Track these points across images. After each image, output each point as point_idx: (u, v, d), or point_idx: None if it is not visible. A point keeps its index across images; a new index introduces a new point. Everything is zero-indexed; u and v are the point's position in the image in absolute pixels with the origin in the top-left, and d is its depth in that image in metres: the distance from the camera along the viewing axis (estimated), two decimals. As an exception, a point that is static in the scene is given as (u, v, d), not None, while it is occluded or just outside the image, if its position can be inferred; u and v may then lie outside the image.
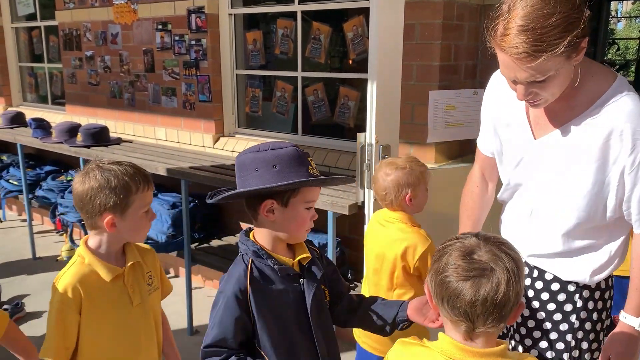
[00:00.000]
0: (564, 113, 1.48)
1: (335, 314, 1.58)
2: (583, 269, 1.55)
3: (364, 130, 2.38)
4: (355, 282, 2.93)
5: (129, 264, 1.65)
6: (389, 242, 2.03)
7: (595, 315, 1.58)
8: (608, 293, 1.61)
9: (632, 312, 1.50)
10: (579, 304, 1.56)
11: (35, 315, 3.66)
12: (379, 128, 2.31)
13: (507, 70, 1.38)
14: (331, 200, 2.58)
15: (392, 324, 1.53)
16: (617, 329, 1.54)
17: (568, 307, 1.58)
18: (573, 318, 1.57)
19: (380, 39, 2.24)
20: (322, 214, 2.62)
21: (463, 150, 3.05)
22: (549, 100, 1.43)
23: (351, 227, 3.19)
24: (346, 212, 2.51)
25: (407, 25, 2.41)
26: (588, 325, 1.58)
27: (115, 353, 1.65)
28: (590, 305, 1.57)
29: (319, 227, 3.01)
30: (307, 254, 1.47)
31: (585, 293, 1.56)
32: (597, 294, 1.58)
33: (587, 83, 1.44)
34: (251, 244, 1.43)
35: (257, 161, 1.37)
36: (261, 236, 1.45)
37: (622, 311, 1.53)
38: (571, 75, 1.39)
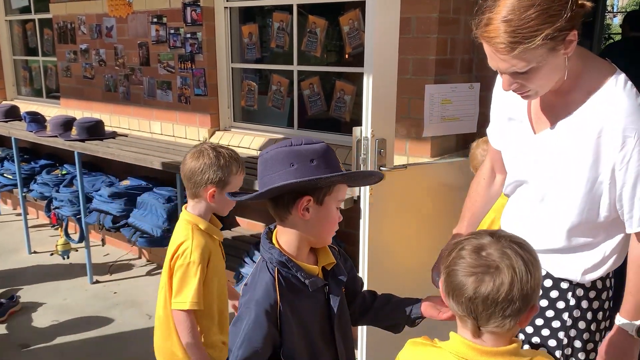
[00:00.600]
0: (561, 109, 1.47)
1: (350, 313, 1.53)
2: (575, 266, 1.54)
3: (359, 124, 2.37)
4: (350, 276, 2.93)
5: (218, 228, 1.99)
6: None
7: (589, 315, 1.57)
8: (606, 294, 1.59)
9: (626, 315, 1.50)
10: (572, 302, 1.56)
11: (31, 308, 3.66)
12: (375, 122, 2.31)
13: (490, 60, 1.39)
14: (327, 194, 2.57)
15: (407, 321, 1.52)
16: (612, 333, 1.53)
17: (561, 304, 1.58)
18: (565, 316, 1.57)
19: (376, 32, 2.22)
20: (317, 208, 2.62)
21: (459, 144, 3.05)
22: (538, 92, 1.42)
23: (346, 221, 3.16)
24: (342, 206, 2.50)
25: (403, 19, 2.39)
26: (582, 324, 1.58)
27: (219, 301, 1.94)
28: (584, 304, 1.56)
29: (315, 221, 3.02)
30: (332, 260, 1.41)
31: (579, 292, 1.56)
32: (592, 294, 1.57)
33: (584, 78, 1.43)
34: (277, 253, 1.34)
35: (293, 155, 1.27)
36: (287, 239, 1.36)
37: (617, 314, 1.53)
38: (562, 68, 1.38)
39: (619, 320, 1.51)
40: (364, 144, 2.34)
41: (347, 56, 3.33)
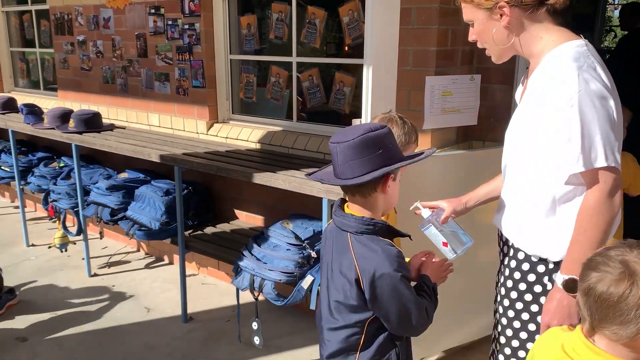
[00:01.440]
0: (528, 78, 1.61)
1: None
2: (545, 243, 1.56)
3: (359, 116, 2.35)
4: (350, 270, 2.92)
5: None
6: None
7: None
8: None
9: (562, 270, 1.49)
10: (549, 286, 1.57)
11: (29, 301, 3.64)
12: (375, 114, 2.28)
13: None
14: (326, 187, 2.55)
15: None
16: (552, 289, 1.54)
17: (537, 288, 1.60)
18: (542, 300, 1.58)
19: (376, 23, 2.20)
20: (316, 200, 2.60)
21: (459, 136, 3.02)
22: (491, 52, 1.64)
23: (346, 214, 3.16)
24: (341, 199, 2.48)
25: (403, 10, 2.37)
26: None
27: None
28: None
29: (313, 213, 3.00)
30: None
31: (555, 276, 1.55)
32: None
33: (545, 46, 1.53)
34: (381, 221, 1.56)
35: (378, 141, 1.49)
36: (369, 212, 1.58)
37: None
38: (503, 36, 1.56)
39: (557, 275, 1.52)
40: (364, 136, 2.32)
41: (346, 47, 3.30)
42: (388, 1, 2.25)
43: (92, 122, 4.05)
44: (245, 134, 3.65)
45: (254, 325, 2.91)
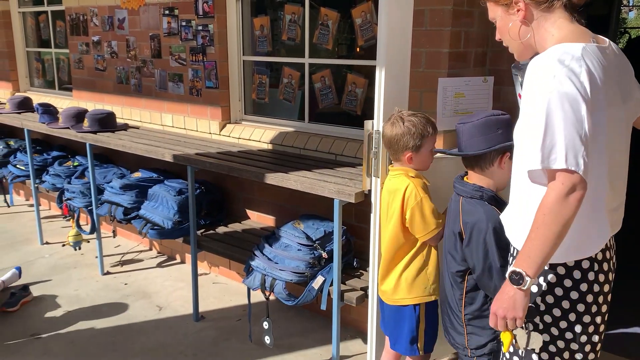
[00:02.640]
0: None
1: None
2: (518, 232, 1.58)
3: (371, 117, 2.35)
4: (360, 271, 2.93)
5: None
6: None
7: (566, 304, 1.57)
8: (586, 278, 1.55)
9: (514, 262, 1.50)
10: (544, 287, 1.58)
11: (43, 299, 3.69)
12: (387, 115, 2.29)
13: None
14: (337, 188, 2.56)
15: None
16: (502, 287, 1.55)
17: (533, 288, 1.60)
18: (538, 300, 1.59)
19: (389, 25, 2.20)
20: (328, 201, 2.61)
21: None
22: (510, 48, 1.67)
23: (357, 215, 3.17)
24: (352, 200, 2.49)
25: (416, 11, 2.37)
26: (557, 312, 1.58)
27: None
28: (558, 291, 1.56)
29: (325, 214, 3.01)
30: None
31: (552, 277, 1.56)
32: (567, 282, 1.55)
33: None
34: (490, 190, 1.97)
35: (498, 122, 1.96)
36: (484, 183, 2.00)
37: None
38: (516, 30, 1.59)
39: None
40: (376, 138, 2.33)
41: (358, 49, 3.31)
42: (401, 3, 2.25)
43: (106, 122, 4.10)
44: (257, 135, 3.67)
45: (265, 325, 2.92)
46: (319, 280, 2.72)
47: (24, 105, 5.03)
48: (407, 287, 2.26)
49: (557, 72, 1.38)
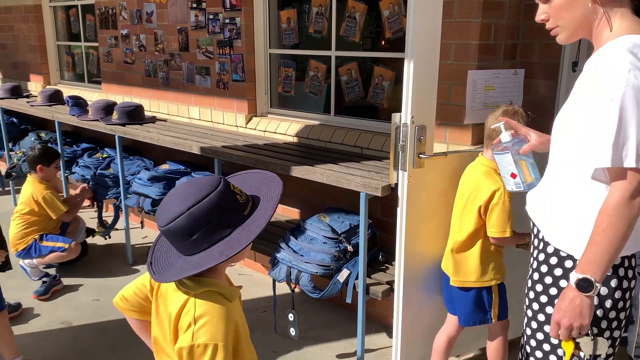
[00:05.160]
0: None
1: None
2: (574, 239, 1.51)
3: (397, 111, 2.33)
4: (386, 265, 2.92)
5: None
6: None
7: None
8: (617, 276, 1.52)
9: (577, 268, 1.45)
10: (612, 288, 1.53)
11: (73, 287, 3.77)
12: (415, 108, 2.27)
13: None
14: (364, 181, 2.56)
15: None
16: (568, 286, 1.49)
17: (563, 283, 1.57)
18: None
19: (418, 16, 2.18)
20: (353, 195, 2.60)
21: (500, 132, 2.97)
22: (565, 30, 1.50)
23: (383, 209, 3.16)
24: (379, 194, 2.48)
25: (445, 3, 2.34)
26: (613, 313, 1.54)
27: None
28: (617, 292, 1.53)
29: (350, 207, 3.00)
30: None
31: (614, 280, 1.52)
32: (614, 281, 1.52)
33: (610, 37, 1.45)
34: None
35: None
36: None
37: None
38: (587, 12, 1.44)
39: (572, 273, 1.48)
40: (403, 131, 2.31)
41: (385, 42, 3.28)
42: (430, -6, 2.22)
43: (134, 115, 4.15)
44: (283, 128, 3.68)
45: (290, 317, 2.94)
46: (344, 274, 2.72)
47: (55, 97, 5.13)
48: (481, 269, 2.33)
49: (631, 65, 1.32)
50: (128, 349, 3.06)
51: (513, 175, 1.81)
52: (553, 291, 1.60)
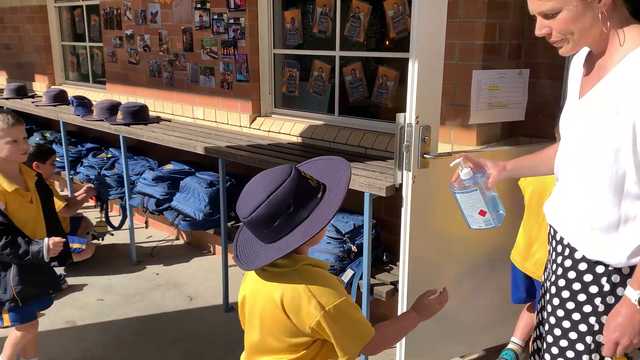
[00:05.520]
0: (599, 72, 1.48)
1: None
2: (615, 248, 1.48)
3: (402, 111, 2.33)
4: (390, 265, 2.91)
5: None
6: None
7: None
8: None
9: (634, 284, 1.43)
10: (606, 287, 1.51)
11: (77, 287, 3.78)
12: (420, 108, 2.26)
13: (528, 3, 1.48)
14: (368, 181, 2.55)
15: None
16: (618, 304, 1.47)
17: (594, 289, 1.53)
18: (598, 301, 1.53)
19: (422, 16, 2.17)
20: (358, 195, 2.60)
21: (504, 132, 2.97)
22: (571, 44, 1.46)
23: (387, 209, 3.15)
24: (383, 194, 2.48)
25: (450, 3, 2.33)
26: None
27: None
28: (620, 291, 1.50)
29: (355, 208, 3.00)
30: None
31: (615, 277, 1.50)
32: (630, 281, 1.49)
33: (625, 44, 1.42)
34: None
35: None
36: None
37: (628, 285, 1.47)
38: (594, 22, 1.41)
39: (627, 289, 1.44)
40: (408, 131, 2.30)
41: (390, 41, 3.28)
42: (435, -6, 2.22)
43: (139, 115, 4.16)
44: (287, 128, 3.68)
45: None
46: (348, 274, 2.72)
47: (60, 98, 5.14)
48: None
49: None
50: (132, 349, 3.06)
51: (482, 213, 1.68)
52: (581, 297, 1.56)
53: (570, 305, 1.59)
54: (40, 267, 2.52)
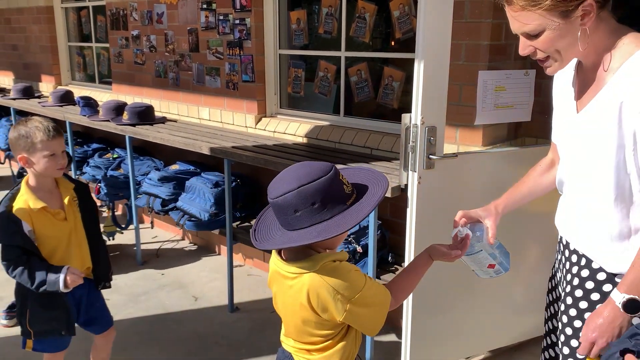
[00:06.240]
0: (596, 85, 1.45)
1: None
2: (629, 257, 1.44)
3: (408, 111, 2.33)
4: (395, 266, 2.91)
5: None
6: None
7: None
8: None
9: (621, 287, 1.41)
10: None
11: (83, 287, 3.79)
12: (425, 109, 2.26)
13: (510, 22, 1.44)
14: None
15: None
16: (603, 304, 1.45)
17: None
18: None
19: (428, 17, 2.17)
20: (364, 195, 2.60)
21: (512, 133, 2.96)
22: (557, 62, 1.43)
23: (393, 210, 3.15)
24: (389, 195, 2.47)
25: (456, 3, 2.32)
26: (635, 320, 1.47)
27: None
28: None
29: (360, 209, 2.99)
30: None
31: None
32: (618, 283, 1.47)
33: (616, 53, 1.40)
34: None
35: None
36: None
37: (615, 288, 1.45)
38: (578, 39, 1.37)
39: (614, 291, 1.42)
40: (413, 132, 2.30)
41: (395, 42, 3.27)
42: (441, -5, 2.22)
43: (145, 115, 4.17)
44: (292, 128, 3.68)
45: (299, 318, 2.94)
46: (353, 274, 2.71)
47: (66, 98, 5.16)
48: None
49: None
50: (137, 348, 3.07)
51: (491, 266, 1.68)
52: None
53: (588, 315, 1.54)
54: (55, 301, 2.22)
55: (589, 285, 1.55)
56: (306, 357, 1.52)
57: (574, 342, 1.61)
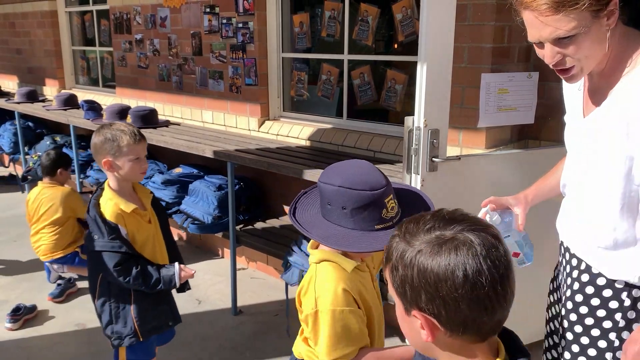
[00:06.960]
0: (605, 90, 1.43)
1: None
2: (631, 266, 1.44)
3: (410, 114, 2.33)
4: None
5: None
6: None
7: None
8: None
9: None
10: (627, 302, 1.47)
11: (87, 290, 3.79)
12: (428, 111, 2.26)
13: (532, 30, 1.36)
14: (377, 184, 2.55)
15: None
16: (637, 329, 1.41)
17: (614, 304, 1.49)
18: (618, 317, 1.48)
19: (431, 20, 2.17)
20: (367, 198, 2.60)
21: (515, 135, 2.96)
22: (583, 68, 1.37)
23: (396, 212, 3.15)
24: (392, 197, 2.47)
25: (459, 6, 2.32)
26: (636, 327, 1.48)
27: None
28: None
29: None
30: None
31: (636, 292, 1.46)
32: None
33: (626, 59, 1.38)
34: None
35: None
36: None
37: None
38: (603, 41, 1.33)
39: None
40: (416, 134, 2.30)
41: (399, 45, 3.28)
42: (444, -3, 2.22)
43: (148, 119, 4.18)
44: (295, 131, 3.69)
45: (303, 321, 2.93)
46: (357, 277, 2.71)
47: (70, 102, 5.19)
48: None
49: None
50: (141, 352, 3.07)
51: (515, 255, 1.66)
52: (601, 313, 1.52)
53: (589, 321, 1.54)
54: (164, 296, 2.31)
55: (589, 290, 1.54)
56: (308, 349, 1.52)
57: (575, 347, 1.59)
